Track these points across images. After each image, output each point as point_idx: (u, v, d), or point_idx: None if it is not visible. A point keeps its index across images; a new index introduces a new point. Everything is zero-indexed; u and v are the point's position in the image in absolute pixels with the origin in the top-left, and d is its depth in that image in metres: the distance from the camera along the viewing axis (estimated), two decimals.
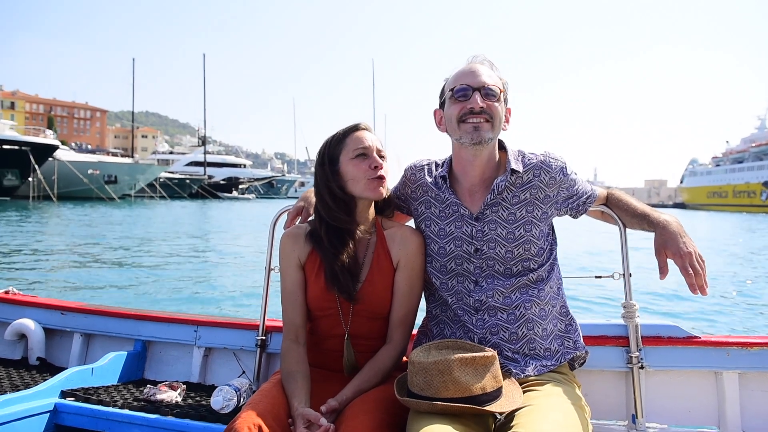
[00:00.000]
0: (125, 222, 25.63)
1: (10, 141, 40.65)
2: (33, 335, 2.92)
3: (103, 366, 2.60)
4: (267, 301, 2.51)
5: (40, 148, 41.75)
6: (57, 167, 43.99)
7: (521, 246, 1.96)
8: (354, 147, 1.98)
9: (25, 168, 41.34)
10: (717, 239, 23.07)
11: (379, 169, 1.97)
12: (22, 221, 23.46)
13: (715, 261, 14.98)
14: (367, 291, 1.99)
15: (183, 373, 2.77)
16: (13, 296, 3.11)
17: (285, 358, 1.97)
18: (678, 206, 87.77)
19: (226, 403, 2.16)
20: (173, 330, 2.79)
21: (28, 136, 43.12)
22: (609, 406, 2.34)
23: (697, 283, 1.85)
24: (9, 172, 41.92)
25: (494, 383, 1.70)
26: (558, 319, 2.04)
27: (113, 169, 50.95)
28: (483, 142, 1.91)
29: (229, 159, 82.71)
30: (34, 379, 2.57)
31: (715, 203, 77.20)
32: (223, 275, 11.46)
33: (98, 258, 13.32)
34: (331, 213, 1.99)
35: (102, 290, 9.50)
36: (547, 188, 1.99)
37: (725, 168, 79.10)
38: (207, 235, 21.04)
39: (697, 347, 2.28)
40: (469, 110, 1.90)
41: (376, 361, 1.97)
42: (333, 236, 1.99)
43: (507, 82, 2.01)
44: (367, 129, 2.04)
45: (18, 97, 63.85)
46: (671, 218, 1.99)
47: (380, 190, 1.99)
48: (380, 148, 2.02)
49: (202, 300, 8.99)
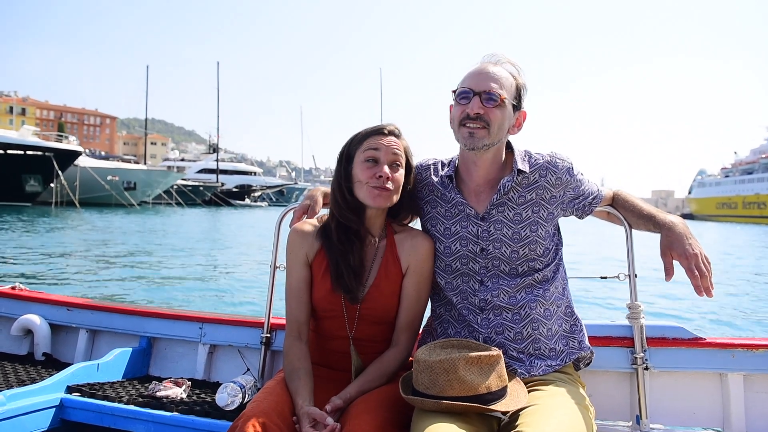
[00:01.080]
0: (160, 229, 25.30)
1: (33, 147, 40.24)
2: (39, 331, 2.94)
3: (109, 362, 2.61)
4: (272, 299, 2.52)
5: (63, 154, 41.26)
6: (79, 173, 43.54)
7: (527, 246, 1.95)
8: (367, 150, 1.94)
9: (47, 174, 40.79)
10: (739, 254, 22.48)
11: (385, 179, 1.91)
12: (54, 228, 22.81)
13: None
14: (373, 296, 1.98)
15: (188, 370, 2.78)
16: (20, 292, 3.13)
17: (287, 356, 1.96)
18: (686, 217, 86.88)
19: (230, 400, 2.16)
20: (178, 327, 2.80)
21: (51, 142, 42.66)
22: (613, 407, 2.33)
23: (702, 285, 1.84)
24: (31, 178, 41.27)
25: (499, 382, 1.70)
26: (563, 320, 2.04)
27: (132, 175, 50.67)
28: (477, 148, 1.91)
29: (240, 166, 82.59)
30: (40, 375, 2.59)
31: (724, 214, 76.85)
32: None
33: (153, 266, 12.90)
34: (342, 212, 1.98)
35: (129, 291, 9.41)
36: (554, 189, 1.99)
37: (735, 179, 78.85)
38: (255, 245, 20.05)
39: (702, 349, 2.27)
40: (466, 115, 1.90)
41: (381, 363, 1.96)
42: (342, 235, 1.98)
43: (525, 84, 1.99)
44: (392, 134, 1.97)
45: (29, 104, 64.32)
46: (677, 219, 1.98)
47: (380, 200, 1.93)
48: (398, 156, 1.96)
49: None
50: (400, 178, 1.97)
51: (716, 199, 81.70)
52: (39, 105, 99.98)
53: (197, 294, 9.60)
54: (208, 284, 10.77)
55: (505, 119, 1.92)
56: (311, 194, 2.24)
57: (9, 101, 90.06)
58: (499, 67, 1.95)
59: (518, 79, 1.97)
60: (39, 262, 12.55)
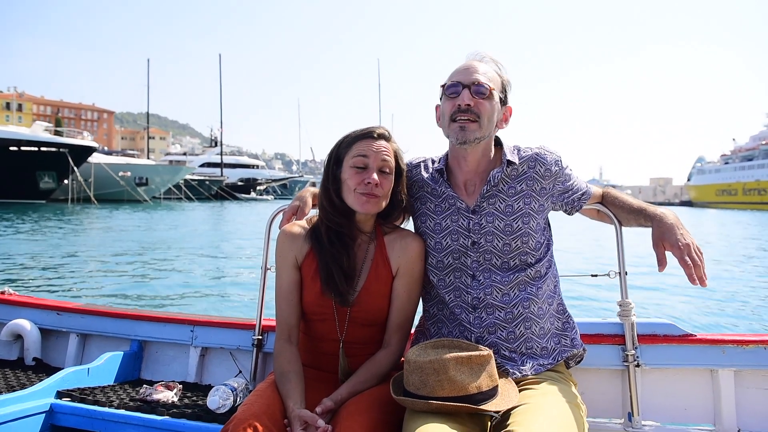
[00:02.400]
0: (198, 224, 24.49)
1: (48, 143, 39.49)
2: (29, 335, 2.92)
3: (100, 366, 2.59)
4: (263, 301, 2.51)
5: (78, 150, 40.47)
6: (93, 170, 42.83)
7: (519, 239, 1.95)
8: (356, 155, 1.92)
9: (62, 170, 40.07)
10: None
11: (373, 186, 1.89)
12: (79, 228, 21.77)
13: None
14: (363, 298, 1.97)
15: (179, 373, 2.77)
16: (9, 297, 3.11)
17: (278, 359, 1.95)
18: (685, 204, 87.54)
19: (222, 403, 2.16)
20: (169, 330, 2.78)
21: (66, 138, 41.85)
22: (605, 404, 2.34)
23: (696, 274, 1.83)
24: (46, 175, 40.43)
25: (490, 382, 1.70)
26: (555, 318, 2.04)
27: (143, 171, 50.01)
28: (468, 142, 1.91)
29: (242, 160, 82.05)
30: (30, 380, 2.57)
31: (724, 201, 76.92)
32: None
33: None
34: (329, 216, 1.97)
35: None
36: (543, 180, 2.00)
37: (735, 166, 78.91)
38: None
39: (693, 345, 2.28)
40: (458, 107, 1.90)
41: (372, 364, 1.95)
42: (332, 238, 1.96)
43: (509, 81, 2.01)
44: (382, 137, 1.95)
45: (25, 99, 63.76)
46: (668, 211, 1.99)
47: (369, 207, 1.91)
48: (387, 162, 1.93)
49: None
50: (388, 184, 1.95)
51: (716, 186, 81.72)
52: (35, 100, 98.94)
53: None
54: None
55: (495, 112, 1.94)
56: (300, 195, 2.23)
57: (6, 97, 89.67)
58: (484, 63, 1.97)
59: (502, 75, 2.00)
60: (96, 273, 11.57)
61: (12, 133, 40.27)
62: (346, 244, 1.97)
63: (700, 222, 35.56)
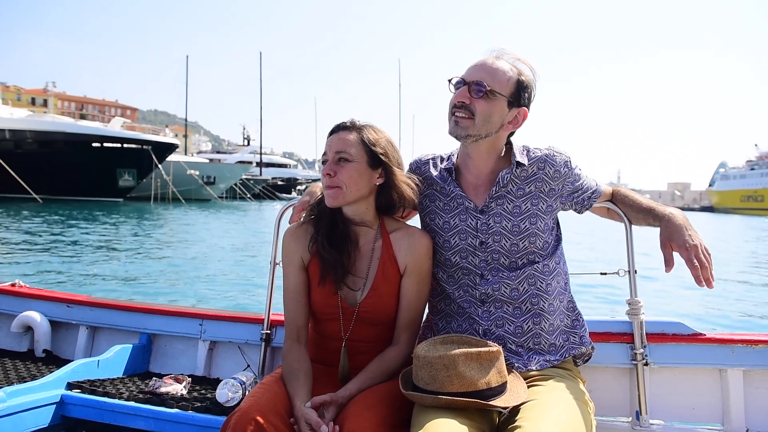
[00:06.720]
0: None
1: (130, 139, 38.24)
2: (39, 327, 2.94)
3: (109, 358, 2.61)
4: (272, 296, 2.52)
5: (160, 147, 39.15)
6: (172, 168, 41.64)
7: (526, 239, 1.95)
8: (323, 154, 1.95)
9: (143, 168, 38.76)
10: None
11: (328, 177, 1.89)
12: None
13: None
14: (372, 300, 1.96)
15: (188, 366, 2.79)
16: (20, 289, 3.14)
17: (286, 358, 1.96)
18: (706, 209, 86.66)
19: (231, 396, 2.17)
20: (178, 323, 2.80)
21: (150, 135, 40.70)
22: (613, 403, 2.34)
23: (703, 276, 1.82)
24: (126, 172, 38.69)
25: (499, 378, 1.70)
26: (565, 315, 2.04)
27: (210, 169, 49.51)
28: (461, 137, 1.92)
29: (275, 159, 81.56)
30: (40, 371, 2.59)
31: (749, 207, 76.08)
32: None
33: None
34: (323, 216, 2.00)
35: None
36: (552, 181, 1.99)
37: (761, 171, 78.10)
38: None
39: (702, 344, 2.27)
40: (454, 103, 1.92)
41: (382, 361, 1.95)
42: (331, 237, 1.97)
43: (531, 82, 1.96)
44: (343, 128, 1.94)
45: (50, 95, 63.57)
46: (677, 211, 1.98)
47: (330, 200, 1.90)
48: (343, 152, 1.89)
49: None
50: (346, 172, 1.89)
51: (741, 191, 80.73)
52: (60, 96, 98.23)
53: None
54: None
55: (493, 112, 1.90)
56: (311, 190, 2.23)
57: (34, 93, 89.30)
58: (501, 61, 1.94)
59: (522, 75, 1.94)
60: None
61: (95, 128, 39.22)
62: (345, 243, 1.97)
63: (722, 230, 34.50)
